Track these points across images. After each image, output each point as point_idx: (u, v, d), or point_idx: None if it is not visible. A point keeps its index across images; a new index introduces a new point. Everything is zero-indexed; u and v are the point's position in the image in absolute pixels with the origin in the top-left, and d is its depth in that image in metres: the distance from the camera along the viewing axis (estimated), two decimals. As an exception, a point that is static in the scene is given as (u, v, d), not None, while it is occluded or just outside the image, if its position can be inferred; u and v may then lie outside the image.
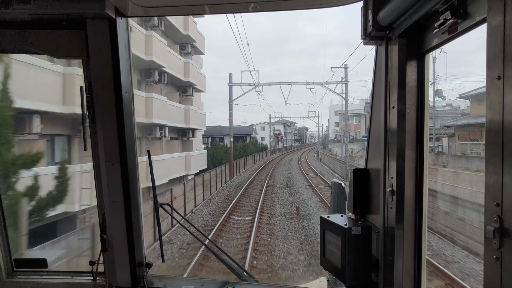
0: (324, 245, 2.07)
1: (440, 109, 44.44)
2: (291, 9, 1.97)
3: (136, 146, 2.20)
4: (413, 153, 1.70)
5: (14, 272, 2.45)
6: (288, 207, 19.15)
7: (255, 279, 2.66)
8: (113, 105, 2.00)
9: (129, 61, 2.09)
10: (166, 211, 2.55)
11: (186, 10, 1.99)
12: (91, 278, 2.32)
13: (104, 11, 1.81)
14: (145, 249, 2.37)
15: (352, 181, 2.04)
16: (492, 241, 1.06)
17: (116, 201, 2.12)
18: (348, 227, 1.86)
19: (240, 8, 1.97)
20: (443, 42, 1.46)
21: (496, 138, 1.06)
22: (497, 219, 1.04)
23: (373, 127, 2.00)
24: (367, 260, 1.88)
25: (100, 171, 2.10)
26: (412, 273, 1.71)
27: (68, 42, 1.95)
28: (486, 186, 1.09)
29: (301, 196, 22.68)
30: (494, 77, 1.06)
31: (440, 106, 45.78)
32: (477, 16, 1.24)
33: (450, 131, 35.78)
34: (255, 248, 12.30)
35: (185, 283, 2.37)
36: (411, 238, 1.70)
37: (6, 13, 1.84)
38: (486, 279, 1.12)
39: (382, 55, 1.81)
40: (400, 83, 1.67)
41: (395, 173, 1.71)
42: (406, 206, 1.70)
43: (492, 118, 1.08)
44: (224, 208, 19.01)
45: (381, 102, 1.82)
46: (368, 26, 1.78)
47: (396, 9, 1.53)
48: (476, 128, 28.01)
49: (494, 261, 1.06)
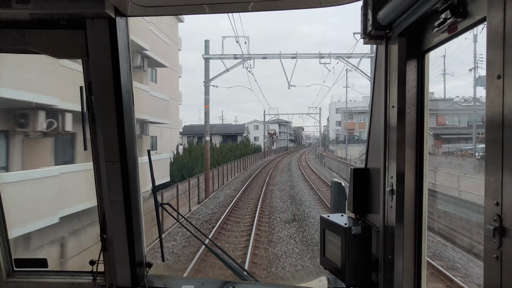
0: (324, 244, 2.07)
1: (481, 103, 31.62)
2: (291, 9, 1.97)
3: (136, 146, 2.20)
4: (413, 152, 1.70)
5: (14, 272, 2.45)
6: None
7: (255, 279, 2.66)
8: (113, 105, 2.00)
9: (129, 60, 2.09)
10: (166, 210, 2.56)
11: (186, 10, 1.99)
12: (91, 277, 2.32)
13: (103, 11, 1.81)
14: (145, 249, 2.37)
15: (352, 180, 2.04)
16: (492, 240, 1.06)
17: (116, 200, 2.13)
18: (348, 226, 1.86)
19: (240, 7, 1.97)
20: (443, 41, 1.46)
21: (496, 137, 1.06)
22: (497, 218, 1.04)
23: (373, 126, 2.00)
24: (367, 259, 1.88)
25: (100, 171, 2.11)
26: (412, 273, 1.71)
27: (68, 41, 1.95)
28: (486, 185, 1.10)
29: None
30: (494, 76, 1.06)
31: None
32: (477, 15, 1.24)
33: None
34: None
35: (185, 283, 2.38)
36: (411, 237, 1.71)
37: (5, 13, 1.84)
38: (486, 278, 1.12)
39: (382, 54, 1.81)
40: (400, 82, 1.67)
41: (395, 172, 1.71)
42: (406, 206, 1.70)
43: (491, 117, 1.08)
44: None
45: (381, 101, 1.82)
46: (368, 25, 1.78)
47: (395, 8, 1.53)
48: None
49: (494, 260, 1.07)
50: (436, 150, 34.82)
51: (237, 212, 17.17)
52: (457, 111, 42.05)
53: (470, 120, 34.93)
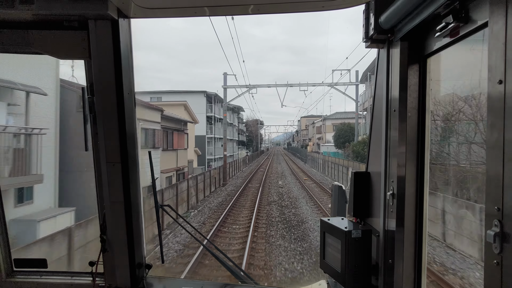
0: (324, 248, 2.07)
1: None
2: (292, 12, 1.97)
3: (137, 147, 2.20)
4: (414, 156, 1.70)
5: (14, 272, 2.45)
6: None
7: (255, 281, 2.66)
8: (114, 106, 2.01)
9: (131, 62, 2.09)
10: (166, 212, 2.55)
11: (188, 12, 2.00)
12: (90, 278, 2.32)
13: (106, 12, 1.82)
14: (145, 250, 2.37)
15: (353, 184, 2.04)
16: (492, 245, 1.06)
17: (117, 201, 2.13)
18: (349, 230, 1.86)
19: (240, 10, 1.97)
20: (445, 46, 1.46)
21: (497, 142, 1.06)
22: (497, 223, 1.04)
23: (374, 130, 2.00)
24: (367, 263, 1.88)
25: (101, 172, 2.11)
26: (412, 277, 1.70)
27: (70, 42, 1.96)
28: (487, 190, 1.09)
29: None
30: (496, 81, 1.06)
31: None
32: (478, 20, 1.24)
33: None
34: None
35: (184, 285, 2.37)
36: (412, 242, 1.70)
37: (9, 13, 1.85)
38: (486, 284, 1.11)
39: (384, 58, 1.81)
40: (401, 87, 1.67)
41: (395, 176, 1.71)
42: (406, 210, 1.70)
43: (493, 122, 1.08)
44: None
45: (382, 105, 1.82)
46: (370, 29, 1.78)
47: (398, 13, 1.53)
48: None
49: (494, 265, 1.06)
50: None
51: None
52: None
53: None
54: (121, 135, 2.05)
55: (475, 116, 6.69)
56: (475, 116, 6.63)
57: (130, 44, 2.07)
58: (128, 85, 2.06)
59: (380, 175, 1.85)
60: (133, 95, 2.13)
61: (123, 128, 2.05)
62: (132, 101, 2.12)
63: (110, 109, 2.01)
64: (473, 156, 7.47)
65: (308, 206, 21.59)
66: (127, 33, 2.03)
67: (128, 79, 2.06)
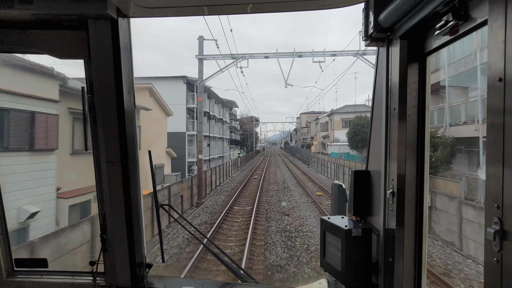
0: (324, 246, 2.07)
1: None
2: (292, 10, 1.97)
3: (137, 146, 2.20)
4: (414, 155, 1.70)
5: (14, 272, 2.45)
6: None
7: (255, 280, 2.66)
8: (114, 106, 2.00)
9: (131, 61, 2.09)
10: (166, 211, 2.55)
11: (188, 11, 2.00)
12: (91, 278, 2.32)
13: (106, 12, 1.82)
14: (146, 250, 2.37)
15: (353, 182, 2.04)
16: (492, 243, 1.06)
17: (117, 201, 2.13)
18: (349, 228, 1.86)
19: (239, 9, 1.97)
20: (445, 44, 1.46)
21: (496, 140, 1.06)
22: (497, 221, 1.04)
23: (374, 128, 2.00)
24: (367, 262, 1.88)
25: (101, 171, 2.11)
26: (413, 275, 1.71)
27: (70, 42, 1.96)
28: (487, 188, 1.10)
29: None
30: (495, 79, 1.06)
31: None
32: (478, 18, 1.24)
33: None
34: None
35: (185, 284, 2.38)
36: (412, 240, 1.71)
37: (8, 13, 1.84)
38: (486, 282, 1.12)
39: (383, 57, 1.81)
40: (401, 85, 1.67)
41: (395, 174, 1.71)
42: (406, 208, 1.70)
43: (492, 120, 1.08)
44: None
45: (382, 104, 1.82)
46: (369, 27, 1.78)
47: (397, 11, 1.53)
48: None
49: (494, 263, 1.07)
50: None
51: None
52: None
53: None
54: (121, 134, 2.05)
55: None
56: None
57: (130, 43, 2.07)
58: (128, 84, 2.06)
59: (380, 174, 1.85)
60: (133, 94, 2.13)
61: (123, 128, 2.05)
62: (132, 101, 2.12)
63: (110, 108, 2.01)
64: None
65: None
66: (127, 33, 2.03)
67: (128, 78, 2.06)
